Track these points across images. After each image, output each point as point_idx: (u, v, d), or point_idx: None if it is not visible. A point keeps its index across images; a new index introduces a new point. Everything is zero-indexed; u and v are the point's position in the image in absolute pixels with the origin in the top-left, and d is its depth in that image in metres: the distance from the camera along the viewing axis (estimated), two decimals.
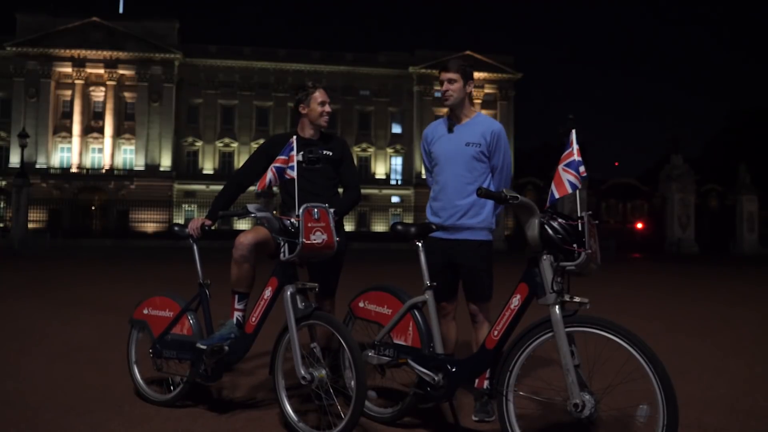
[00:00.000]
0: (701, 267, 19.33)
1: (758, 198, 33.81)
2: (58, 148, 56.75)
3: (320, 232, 3.01)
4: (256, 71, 60.08)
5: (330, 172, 3.73)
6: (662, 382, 2.28)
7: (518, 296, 2.62)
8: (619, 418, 3.02)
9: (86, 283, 11.33)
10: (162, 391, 3.58)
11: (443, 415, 3.35)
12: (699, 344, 5.74)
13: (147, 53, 56.79)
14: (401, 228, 3.19)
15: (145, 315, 3.65)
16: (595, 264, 2.50)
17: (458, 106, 3.40)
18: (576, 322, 2.47)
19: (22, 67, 55.41)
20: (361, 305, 3.29)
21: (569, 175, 2.59)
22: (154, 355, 3.53)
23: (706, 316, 7.78)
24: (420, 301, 3.05)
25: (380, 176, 61.23)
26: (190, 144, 59.62)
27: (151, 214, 39.11)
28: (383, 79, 61.80)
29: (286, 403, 3.07)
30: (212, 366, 3.28)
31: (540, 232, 2.52)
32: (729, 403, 3.71)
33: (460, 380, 2.84)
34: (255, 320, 3.17)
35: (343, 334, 2.92)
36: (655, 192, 35.85)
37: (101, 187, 54.29)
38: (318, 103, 3.67)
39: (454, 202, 3.36)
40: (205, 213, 3.77)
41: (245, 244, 3.30)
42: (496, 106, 61.75)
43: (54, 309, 7.49)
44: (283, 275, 3.07)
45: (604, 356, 2.56)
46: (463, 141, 3.36)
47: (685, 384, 3.91)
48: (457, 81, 3.36)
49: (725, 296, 10.39)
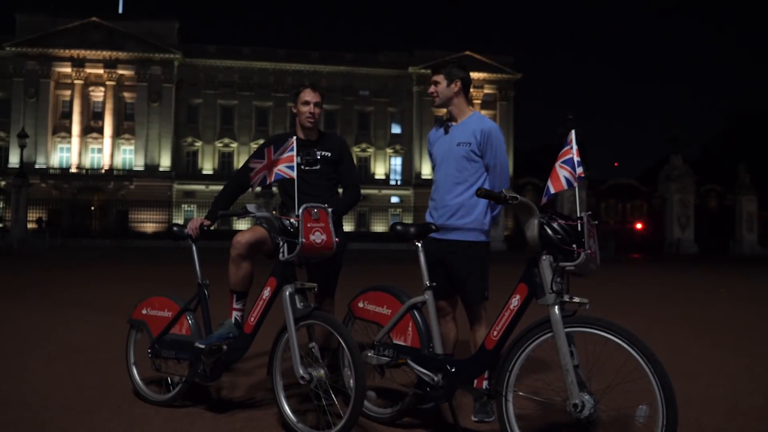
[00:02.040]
0: (701, 267, 19.33)
1: (757, 198, 33.87)
2: (57, 148, 56.73)
3: (319, 232, 3.00)
4: (255, 71, 60.08)
5: (329, 172, 3.73)
6: (661, 383, 2.28)
7: (517, 296, 2.61)
8: (618, 419, 3.02)
9: (85, 283, 11.33)
10: (161, 391, 3.57)
11: (443, 415, 3.35)
12: (698, 344, 5.74)
13: (146, 53, 56.78)
14: (401, 228, 3.19)
15: (143, 315, 3.64)
16: (594, 264, 2.50)
17: (451, 107, 3.43)
18: (575, 322, 2.47)
19: (22, 67, 55.40)
20: (360, 305, 3.29)
21: (565, 172, 2.60)
22: (153, 355, 3.52)
23: (706, 316, 7.78)
24: (419, 302, 3.05)
25: (380, 176, 61.22)
26: (189, 144, 59.61)
27: (151, 215, 39.13)
28: (383, 80, 61.81)
29: (285, 403, 3.07)
30: (211, 366, 3.27)
31: (539, 232, 2.52)
32: (728, 403, 3.71)
33: (459, 380, 2.84)
34: (253, 320, 3.17)
35: (342, 334, 2.92)
36: (655, 192, 35.88)
37: (101, 188, 54.28)
38: (302, 102, 3.66)
39: (444, 202, 3.38)
40: (205, 213, 3.77)
41: (243, 243, 3.30)
42: (495, 107, 61.76)
43: (53, 309, 7.49)
44: (282, 275, 3.07)
45: (604, 356, 2.55)
46: (455, 141, 3.38)
47: (685, 384, 3.90)
48: (440, 83, 3.39)
49: (724, 296, 10.40)
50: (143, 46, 56.61)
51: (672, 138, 35.72)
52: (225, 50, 59.95)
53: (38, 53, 55.33)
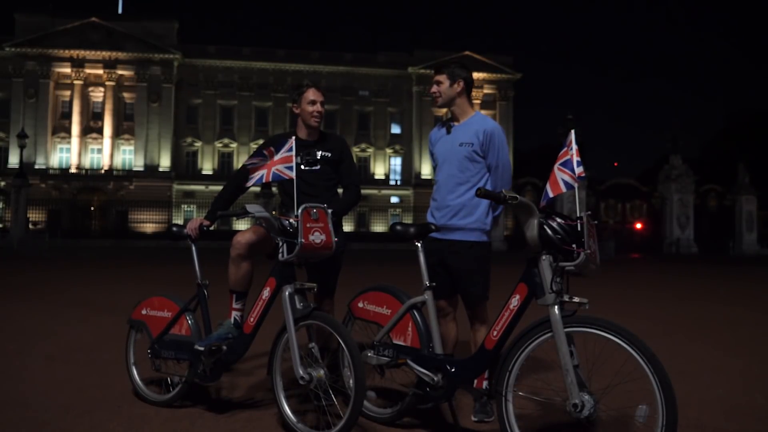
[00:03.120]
0: (700, 267, 19.34)
1: (757, 198, 33.86)
2: (57, 149, 56.73)
3: (319, 233, 3.00)
4: (255, 71, 60.09)
5: (329, 172, 3.72)
6: (661, 382, 2.28)
7: (517, 296, 2.61)
8: (618, 419, 3.01)
9: (85, 283, 11.32)
10: (161, 391, 3.57)
11: (443, 415, 3.34)
12: (698, 344, 5.74)
13: (146, 53, 56.79)
14: (400, 228, 3.19)
15: (143, 315, 3.64)
16: (594, 264, 2.50)
17: (453, 107, 3.43)
18: (575, 322, 2.47)
19: (21, 68, 55.42)
20: (360, 305, 3.29)
21: (564, 175, 2.59)
22: (153, 356, 3.52)
23: (705, 316, 7.78)
24: (419, 302, 3.05)
25: (379, 176, 61.22)
26: (189, 144, 59.61)
27: (150, 215, 39.12)
28: (382, 80, 61.81)
29: (285, 404, 3.07)
30: (211, 366, 3.27)
31: (539, 232, 2.52)
32: (728, 403, 3.70)
33: (459, 380, 2.84)
34: (253, 320, 3.17)
35: (341, 334, 2.91)
36: (654, 192, 35.87)
37: (100, 188, 54.29)
38: (308, 102, 3.65)
39: (446, 202, 3.38)
40: (205, 213, 3.77)
41: (243, 243, 3.30)
42: (495, 107, 61.78)
43: (53, 310, 7.48)
44: (282, 275, 3.07)
45: (603, 356, 2.55)
46: (457, 141, 3.38)
47: (684, 384, 3.90)
48: (443, 82, 3.39)
49: (724, 296, 10.40)
50: (143, 46, 56.61)
51: (671, 138, 35.73)
52: (224, 50, 59.97)
53: (38, 53, 55.34)
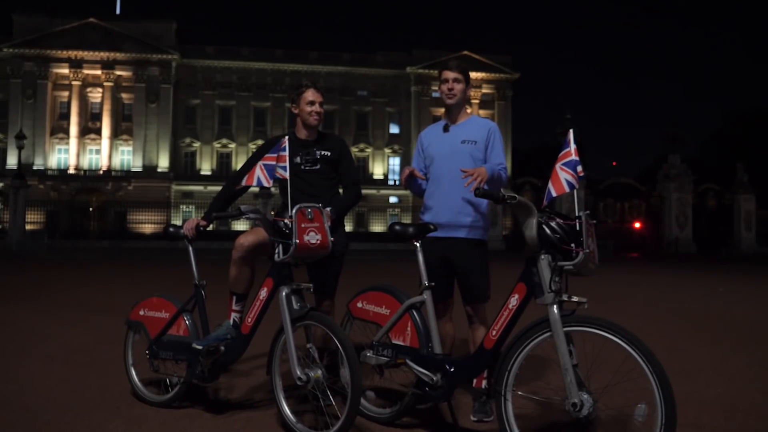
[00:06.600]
0: (699, 266, 19.35)
1: (755, 197, 33.89)
2: (55, 150, 56.66)
3: (314, 233, 3.00)
4: (253, 72, 60.05)
5: (329, 172, 3.72)
6: (660, 382, 2.28)
7: (516, 296, 2.62)
8: (617, 418, 3.01)
9: (83, 284, 11.31)
10: (159, 392, 3.57)
11: (442, 415, 3.34)
12: (697, 343, 5.74)
13: (144, 54, 56.72)
14: (399, 228, 3.19)
15: (141, 316, 3.64)
16: (593, 263, 2.50)
17: (457, 107, 3.45)
18: (574, 321, 2.47)
19: (19, 68, 55.33)
20: (359, 305, 3.29)
21: (566, 174, 2.59)
22: (151, 356, 3.52)
23: (704, 314, 7.79)
24: (418, 302, 3.05)
25: (378, 176, 61.21)
26: (187, 145, 59.56)
27: (149, 215, 39.02)
28: (381, 80, 61.80)
29: (284, 404, 3.07)
30: (209, 367, 3.27)
31: (538, 231, 2.52)
32: (727, 402, 3.71)
33: (458, 380, 2.84)
34: (251, 321, 3.17)
35: (337, 334, 2.91)
36: (653, 191, 35.87)
37: (99, 189, 54.20)
38: (307, 102, 3.65)
39: (449, 200, 3.37)
40: (203, 214, 3.76)
41: (245, 246, 3.30)
42: (493, 106, 61.83)
43: (51, 311, 7.47)
44: (278, 276, 3.07)
45: (602, 356, 2.56)
46: (458, 139, 3.39)
47: (683, 383, 3.90)
48: (461, 81, 3.42)
49: (723, 295, 10.41)
50: (141, 46, 56.54)
51: (670, 137, 35.75)
52: (223, 51, 59.92)
53: (36, 54, 55.27)
